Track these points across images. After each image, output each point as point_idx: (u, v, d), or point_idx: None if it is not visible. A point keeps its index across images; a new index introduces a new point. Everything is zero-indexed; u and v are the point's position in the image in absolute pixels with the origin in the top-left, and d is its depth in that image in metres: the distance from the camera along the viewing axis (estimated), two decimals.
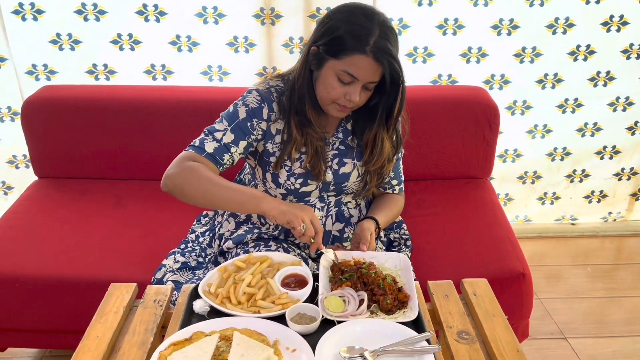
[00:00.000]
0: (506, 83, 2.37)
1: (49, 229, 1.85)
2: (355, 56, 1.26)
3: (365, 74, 1.28)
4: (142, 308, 1.24)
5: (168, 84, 2.30)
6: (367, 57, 1.26)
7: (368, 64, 1.26)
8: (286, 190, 1.47)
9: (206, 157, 1.39)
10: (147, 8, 2.15)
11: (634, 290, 2.33)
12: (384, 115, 1.40)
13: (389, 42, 1.26)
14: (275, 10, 2.18)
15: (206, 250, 1.67)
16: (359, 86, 1.30)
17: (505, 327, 1.19)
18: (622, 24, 2.27)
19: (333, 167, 1.48)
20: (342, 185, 1.50)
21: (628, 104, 2.45)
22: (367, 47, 1.25)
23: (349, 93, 1.31)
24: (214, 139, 1.41)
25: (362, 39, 1.25)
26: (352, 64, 1.27)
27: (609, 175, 2.63)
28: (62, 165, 2.12)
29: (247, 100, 1.43)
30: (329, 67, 1.31)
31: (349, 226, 1.55)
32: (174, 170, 1.35)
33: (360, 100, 1.34)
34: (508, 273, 1.66)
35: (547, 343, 2.04)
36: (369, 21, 1.27)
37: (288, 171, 1.45)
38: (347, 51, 1.27)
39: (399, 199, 1.63)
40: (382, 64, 1.26)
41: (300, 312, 1.18)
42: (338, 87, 1.31)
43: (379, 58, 1.26)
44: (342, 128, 1.50)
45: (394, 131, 1.47)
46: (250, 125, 1.42)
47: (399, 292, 1.24)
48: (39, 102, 2.05)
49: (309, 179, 1.46)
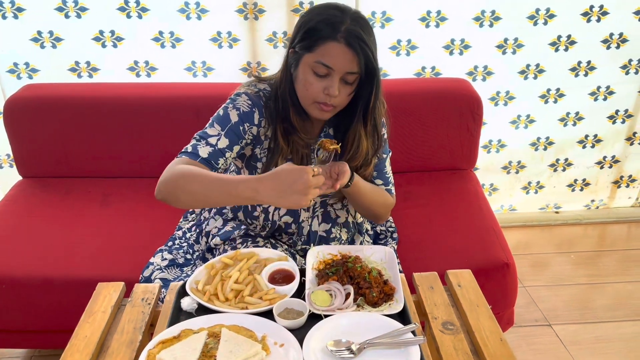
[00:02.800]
0: (489, 74, 2.39)
1: (34, 228, 1.84)
2: (327, 44, 1.24)
3: (340, 63, 1.24)
4: (130, 307, 1.24)
5: (152, 81, 2.28)
6: (339, 43, 1.23)
7: (341, 50, 1.23)
8: None
9: (201, 162, 1.31)
10: (129, 4, 2.13)
11: (617, 276, 2.38)
12: (362, 110, 1.36)
13: (362, 30, 1.24)
14: (258, 5, 2.18)
15: (193, 246, 1.67)
16: (337, 78, 1.26)
17: (489, 317, 1.22)
18: (602, 14, 2.30)
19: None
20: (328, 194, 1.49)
21: (609, 93, 2.49)
22: (339, 34, 1.23)
23: (327, 87, 1.27)
24: (208, 143, 1.34)
25: (334, 26, 1.23)
26: (325, 53, 1.24)
27: (591, 163, 2.67)
28: (46, 164, 2.11)
29: (237, 103, 1.39)
30: (304, 62, 1.29)
31: (336, 227, 1.55)
32: (166, 176, 1.26)
33: (341, 97, 1.30)
34: (492, 263, 1.69)
35: (532, 330, 2.08)
36: (341, 12, 1.26)
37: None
38: (319, 41, 1.24)
39: (386, 193, 1.54)
40: (355, 50, 1.23)
41: (288, 307, 1.19)
42: (315, 81, 1.28)
43: (352, 44, 1.22)
44: (323, 133, 1.47)
45: (374, 130, 1.41)
46: (242, 129, 1.38)
47: (384, 285, 1.25)
48: (21, 101, 2.03)
49: None
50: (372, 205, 1.47)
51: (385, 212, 1.53)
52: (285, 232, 1.53)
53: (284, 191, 1.12)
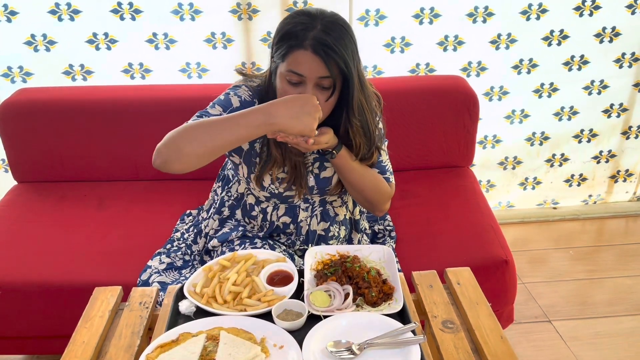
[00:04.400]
0: (483, 70, 2.39)
1: (31, 234, 1.83)
2: (295, 52, 1.23)
3: (309, 69, 1.23)
4: (128, 311, 1.23)
5: (146, 83, 2.27)
6: (305, 51, 1.22)
7: (308, 58, 1.22)
8: (270, 194, 1.46)
9: None
10: (122, 6, 2.12)
11: (615, 271, 2.38)
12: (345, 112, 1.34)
13: (330, 35, 1.22)
14: (251, 5, 2.17)
15: (191, 247, 1.67)
16: (310, 85, 1.24)
17: (489, 315, 1.21)
18: (594, 8, 2.30)
19: (314, 172, 1.46)
20: (325, 189, 1.49)
21: (603, 87, 2.49)
22: (306, 42, 1.22)
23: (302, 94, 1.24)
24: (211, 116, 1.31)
25: (300, 34, 1.22)
26: (294, 61, 1.23)
27: (587, 158, 2.67)
28: (41, 169, 2.10)
29: (238, 92, 1.38)
30: (279, 73, 1.28)
31: (334, 224, 1.55)
32: (165, 138, 1.22)
33: (320, 104, 1.24)
34: (491, 260, 1.68)
35: (532, 327, 2.08)
36: (311, 19, 1.24)
37: (271, 175, 1.44)
38: (289, 50, 1.23)
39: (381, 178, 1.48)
40: (320, 57, 1.21)
41: (287, 309, 1.19)
42: (290, 90, 1.26)
43: (317, 51, 1.21)
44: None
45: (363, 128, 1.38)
46: None
47: (383, 285, 1.25)
48: (15, 105, 2.02)
49: (293, 185, 1.45)
50: (365, 187, 1.43)
51: (380, 199, 1.47)
52: (284, 232, 1.53)
53: (297, 112, 1.18)
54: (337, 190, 1.50)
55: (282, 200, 1.49)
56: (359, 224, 1.65)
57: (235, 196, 1.56)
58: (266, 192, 1.46)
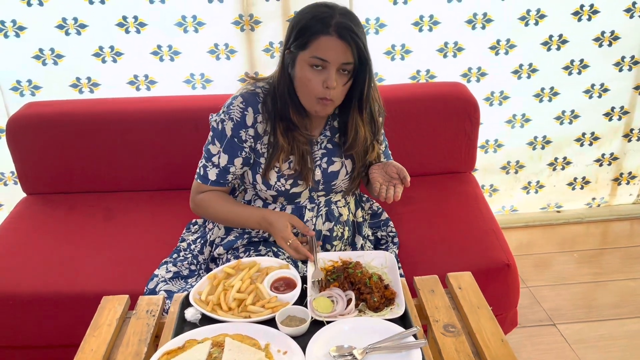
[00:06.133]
0: (483, 75, 2.41)
1: (40, 245, 1.86)
2: (320, 39, 1.30)
3: (334, 55, 1.30)
4: (135, 319, 1.26)
5: (152, 94, 2.31)
6: (331, 37, 1.29)
7: (333, 43, 1.29)
8: (277, 192, 1.50)
9: (212, 184, 1.51)
10: (127, 20, 2.16)
11: (620, 273, 2.38)
12: (357, 98, 1.42)
13: (351, 21, 1.31)
14: (254, 17, 2.21)
15: (198, 257, 1.69)
16: (333, 70, 1.32)
17: (490, 318, 1.23)
18: (592, 12, 2.32)
19: (322, 166, 1.51)
20: (331, 184, 1.53)
21: (603, 91, 2.50)
22: (330, 28, 1.29)
23: (325, 80, 1.32)
24: (213, 164, 1.49)
25: (324, 21, 1.29)
26: (319, 47, 1.30)
27: (590, 161, 2.68)
28: (50, 181, 2.13)
29: (231, 112, 1.45)
30: (300, 60, 1.34)
31: (338, 225, 1.58)
32: (192, 206, 1.56)
33: (339, 89, 1.35)
34: (493, 264, 1.70)
35: (536, 330, 2.08)
36: (329, 8, 1.33)
37: (277, 172, 1.48)
38: (312, 37, 1.30)
39: None
40: (346, 41, 1.29)
41: (290, 315, 1.21)
42: (313, 76, 1.33)
43: (343, 35, 1.29)
44: (329, 126, 1.52)
45: (370, 117, 1.48)
46: (238, 140, 1.46)
47: (385, 290, 1.27)
48: (23, 119, 2.06)
49: (299, 180, 1.49)
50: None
51: None
52: None
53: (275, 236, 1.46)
54: (342, 188, 1.55)
55: (288, 199, 1.52)
56: (361, 227, 1.67)
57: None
58: (273, 191, 1.49)
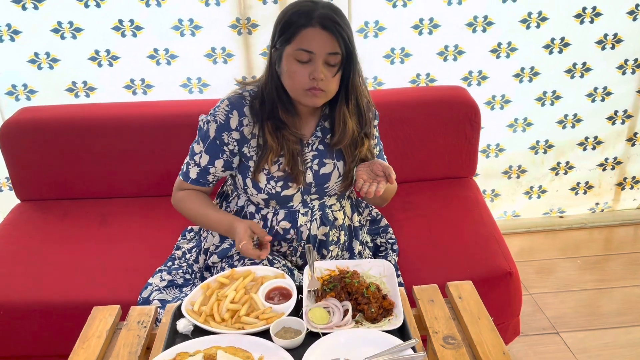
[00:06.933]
0: (484, 79, 2.38)
1: (33, 253, 1.83)
2: (304, 31, 1.30)
3: (319, 46, 1.30)
4: (126, 330, 1.23)
5: (148, 98, 2.28)
6: (314, 28, 1.30)
7: (317, 34, 1.30)
8: (268, 195, 1.47)
9: (192, 182, 1.52)
10: (123, 23, 2.14)
11: (624, 280, 2.34)
12: (344, 89, 1.41)
13: (334, 13, 1.31)
14: (251, 20, 2.18)
15: (193, 266, 1.66)
16: (319, 61, 1.31)
17: (491, 330, 1.19)
18: (595, 15, 2.29)
19: (313, 168, 1.48)
20: (323, 187, 1.50)
21: (606, 94, 2.47)
22: (313, 20, 1.29)
23: (311, 72, 1.32)
24: (195, 163, 1.50)
25: (307, 14, 1.30)
26: (303, 39, 1.30)
27: (593, 166, 2.64)
28: (44, 187, 2.10)
29: (217, 114, 1.45)
30: (286, 54, 1.34)
31: (334, 229, 1.55)
32: (173, 201, 1.57)
33: (327, 80, 1.34)
34: (495, 272, 1.66)
35: (539, 339, 2.04)
36: (313, 3, 1.33)
37: (267, 174, 1.45)
38: (296, 30, 1.31)
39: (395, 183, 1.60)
40: (330, 31, 1.29)
41: (285, 326, 1.18)
42: (299, 69, 1.32)
43: (327, 26, 1.29)
44: (320, 127, 1.50)
45: (356, 108, 1.47)
46: (220, 142, 1.45)
47: (383, 300, 1.24)
48: (17, 124, 2.03)
49: (289, 182, 1.46)
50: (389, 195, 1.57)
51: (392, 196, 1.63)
52: (284, 238, 1.52)
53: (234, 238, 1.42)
54: (336, 191, 1.52)
55: (280, 202, 1.49)
56: (358, 232, 1.63)
57: (235, 210, 1.56)
58: (264, 194, 1.47)
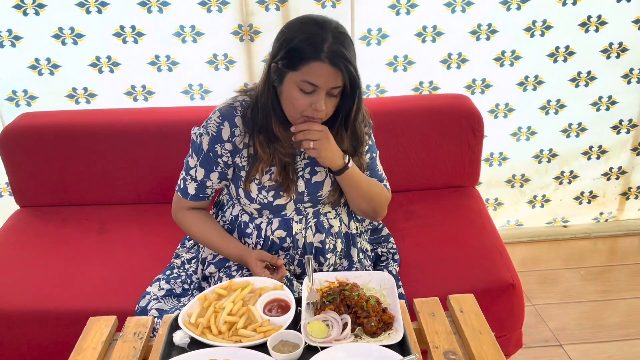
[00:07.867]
0: (487, 87, 2.36)
1: (32, 260, 1.81)
2: (312, 64, 1.27)
3: (325, 81, 1.28)
4: (122, 342, 1.21)
5: (149, 105, 2.27)
6: (323, 63, 1.26)
7: (325, 70, 1.27)
8: (260, 205, 1.46)
9: (191, 199, 1.51)
10: (125, 30, 2.13)
11: (629, 291, 2.31)
12: (343, 117, 1.40)
13: (343, 46, 1.28)
14: (253, 27, 2.17)
15: (192, 277, 1.64)
16: (322, 93, 1.30)
17: (492, 344, 1.17)
18: (600, 23, 2.27)
19: (305, 177, 1.47)
20: (316, 195, 1.48)
21: (611, 103, 2.45)
22: (322, 54, 1.26)
23: (313, 102, 1.30)
24: (192, 178, 1.49)
25: (317, 46, 1.26)
26: (310, 72, 1.27)
27: (597, 175, 2.61)
28: (44, 193, 2.09)
29: (209, 127, 1.44)
30: (289, 80, 1.31)
31: (330, 236, 1.53)
32: (174, 219, 1.57)
33: (327, 109, 1.33)
34: (497, 284, 1.64)
35: (542, 351, 2.01)
36: (321, 29, 1.28)
37: (258, 184, 1.45)
38: (303, 61, 1.27)
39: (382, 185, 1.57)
40: (339, 68, 1.27)
41: (283, 340, 1.15)
42: (301, 97, 1.31)
43: (336, 63, 1.26)
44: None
45: (353, 134, 1.45)
46: (213, 154, 1.44)
47: (383, 314, 1.21)
48: (17, 130, 2.02)
49: (280, 191, 1.45)
50: (372, 196, 1.51)
51: (383, 205, 1.57)
52: (281, 247, 1.51)
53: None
54: (329, 199, 1.50)
55: (273, 211, 1.48)
56: (355, 239, 1.61)
57: (230, 219, 1.55)
58: (256, 204, 1.46)
